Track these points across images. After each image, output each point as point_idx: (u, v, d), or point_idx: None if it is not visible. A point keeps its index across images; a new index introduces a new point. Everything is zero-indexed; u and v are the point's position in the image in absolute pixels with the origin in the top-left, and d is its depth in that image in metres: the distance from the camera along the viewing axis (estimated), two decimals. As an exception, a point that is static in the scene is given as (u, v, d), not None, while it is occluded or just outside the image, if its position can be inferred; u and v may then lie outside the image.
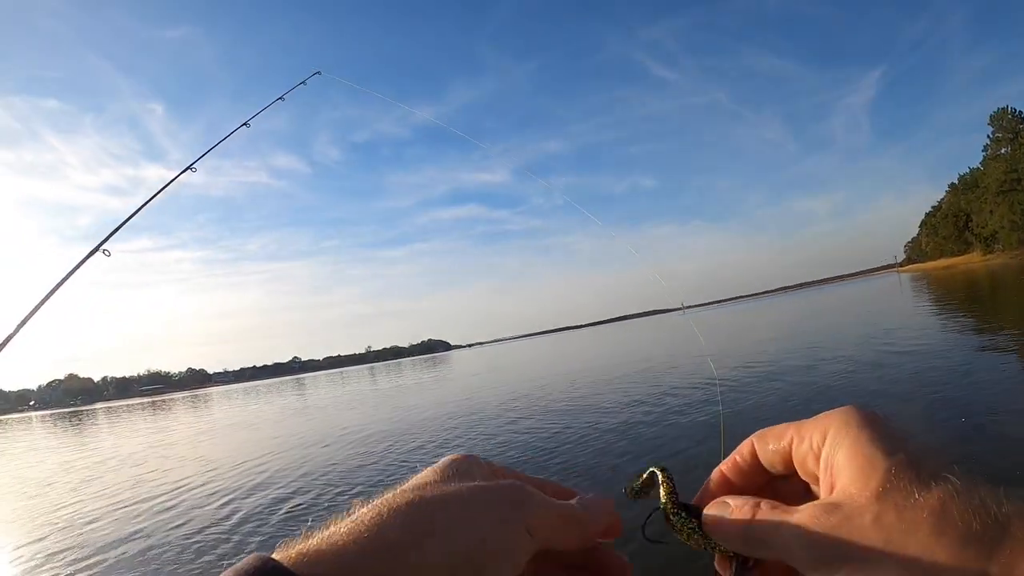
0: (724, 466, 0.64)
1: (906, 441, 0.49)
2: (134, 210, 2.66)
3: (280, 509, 10.05)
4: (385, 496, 0.50)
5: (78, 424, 62.06)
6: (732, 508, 0.57)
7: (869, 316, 31.82)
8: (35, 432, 58.20)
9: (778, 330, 35.08)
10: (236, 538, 8.81)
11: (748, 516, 0.55)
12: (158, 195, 2.79)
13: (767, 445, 0.60)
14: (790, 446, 0.57)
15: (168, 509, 11.40)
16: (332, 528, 0.46)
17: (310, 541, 0.45)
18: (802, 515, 0.50)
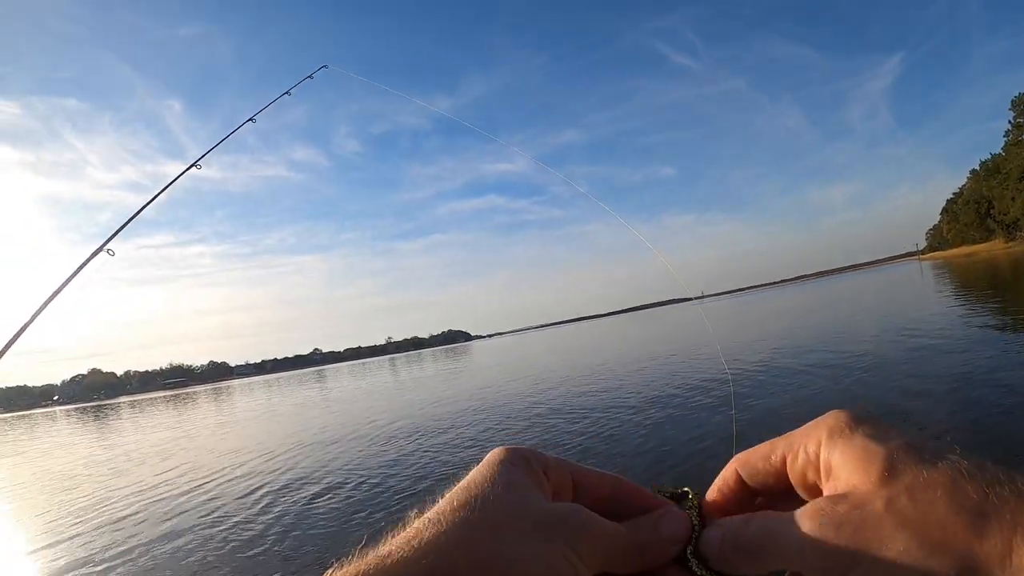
0: (708, 497, 0.60)
1: (902, 433, 0.47)
2: (138, 209, 2.70)
3: (313, 500, 10.07)
4: (441, 513, 0.47)
5: (102, 418, 62.67)
6: (724, 528, 0.54)
7: (889, 305, 31.39)
8: (60, 426, 58.78)
9: (796, 319, 34.76)
10: (271, 530, 8.86)
11: (741, 529, 0.52)
12: (161, 193, 2.84)
13: (755, 465, 0.56)
14: (783, 462, 0.54)
15: (201, 502, 11.49)
16: (386, 549, 0.45)
17: (365, 562, 0.44)
18: (805, 512, 0.47)
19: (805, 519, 0.46)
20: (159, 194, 2.81)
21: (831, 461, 0.49)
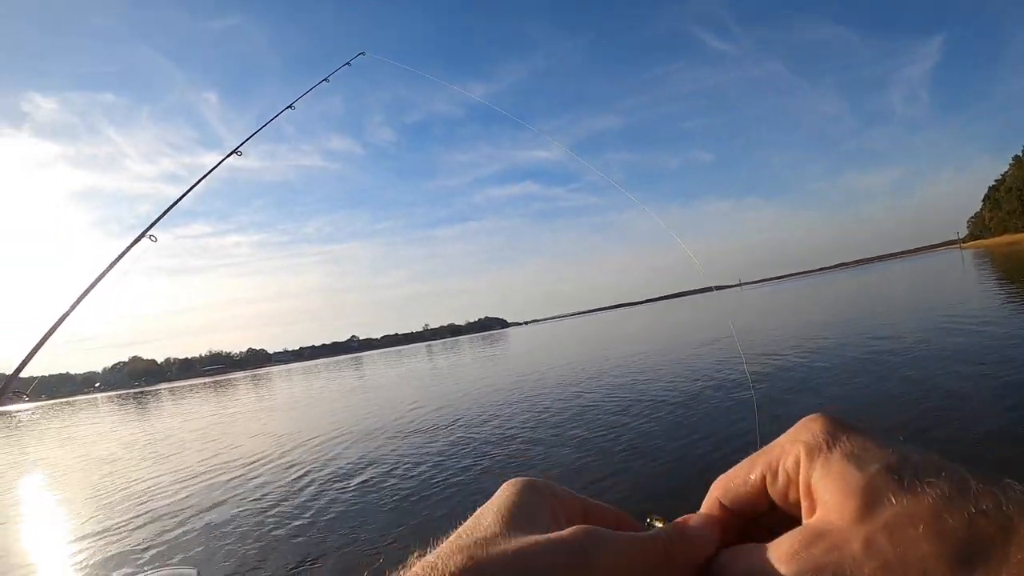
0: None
1: (884, 448, 0.44)
2: (179, 196, 2.73)
3: (355, 485, 10.14)
4: (445, 553, 0.45)
5: (143, 404, 64.16)
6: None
7: (929, 295, 30.80)
8: (102, 412, 60.17)
9: (834, 308, 34.23)
10: (314, 514, 8.95)
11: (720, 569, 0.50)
12: (203, 179, 2.86)
13: (736, 491, 0.54)
14: (762, 482, 0.51)
15: (244, 485, 11.66)
16: None
17: None
18: (780, 553, 0.44)
19: (781, 563, 0.43)
20: (201, 179, 2.84)
21: (811, 483, 0.47)
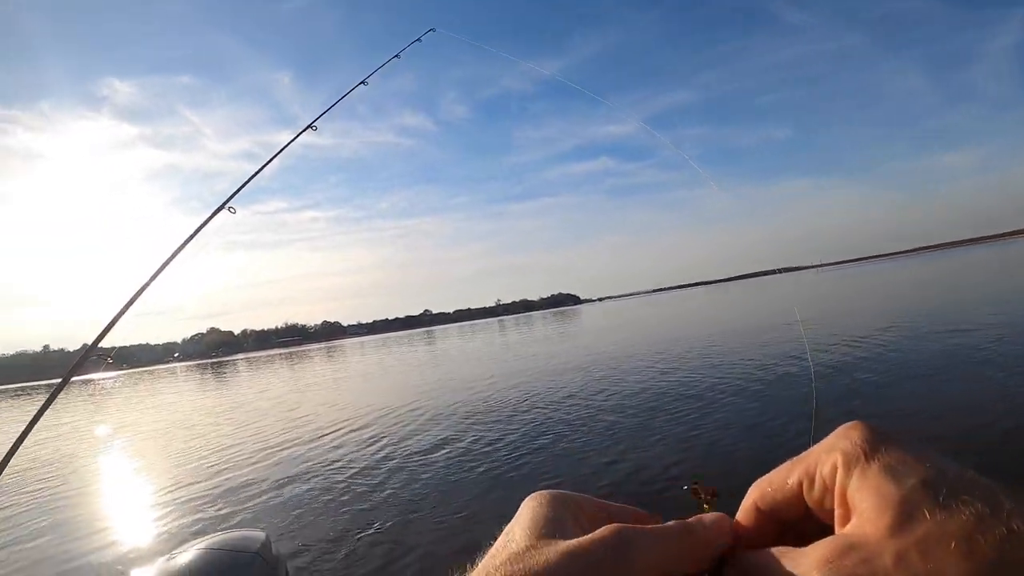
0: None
1: (921, 461, 0.44)
2: (258, 168, 2.78)
3: (430, 457, 10.22)
4: (482, 574, 0.46)
5: (221, 373, 66.25)
6: (737, 565, 0.52)
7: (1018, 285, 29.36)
8: (181, 381, 62.58)
9: (913, 294, 33.01)
10: (385, 483, 9.12)
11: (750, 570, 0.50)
12: (280, 153, 2.90)
13: (772, 496, 0.54)
14: (799, 487, 0.52)
15: (320, 453, 11.95)
16: None
17: None
18: (812, 560, 0.44)
19: (813, 570, 0.43)
20: (279, 153, 2.88)
21: (847, 493, 0.47)
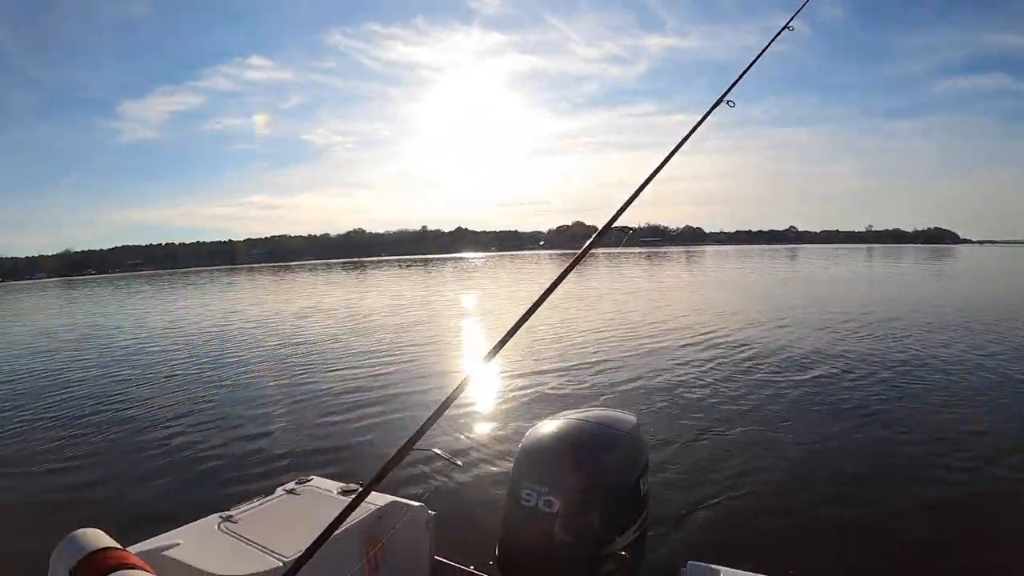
0: None
1: None
2: (751, 62, 2.73)
3: (800, 376, 9.91)
4: None
5: (584, 265, 69.42)
6: None
7: None
8: (543, 265, 66.45)
9: None
10: (749, 395, 9.02)
11: None
12: (767, 48, 2.83)
13: None
14: None
15: (694, 352, 12.28)
16: None
17: None
18: None
19: None
20: (768, 45, 2.80)
21: None
